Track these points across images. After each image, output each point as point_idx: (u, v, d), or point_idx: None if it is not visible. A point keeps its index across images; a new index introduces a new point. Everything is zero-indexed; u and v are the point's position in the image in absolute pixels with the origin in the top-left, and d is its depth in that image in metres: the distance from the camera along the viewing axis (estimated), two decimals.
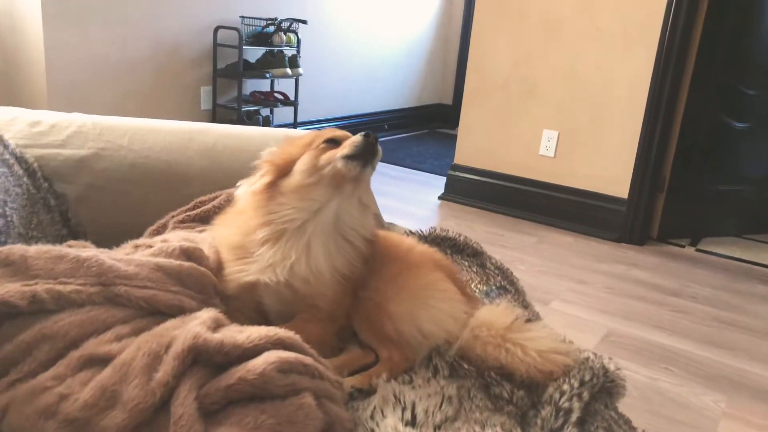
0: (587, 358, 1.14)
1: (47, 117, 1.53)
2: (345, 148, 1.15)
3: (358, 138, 1.16)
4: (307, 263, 1.13)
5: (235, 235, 1.18)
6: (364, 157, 1.14)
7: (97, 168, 1.48)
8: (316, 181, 1.15)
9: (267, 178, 1.18)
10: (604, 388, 1.11)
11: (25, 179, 1.33)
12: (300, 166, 1.17)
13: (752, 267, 3.39)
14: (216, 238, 1.24)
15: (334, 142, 1.18)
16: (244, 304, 1.16)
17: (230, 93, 4.56)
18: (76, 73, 3.63)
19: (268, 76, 4.50)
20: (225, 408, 0.83)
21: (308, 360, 0.93)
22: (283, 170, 1.18)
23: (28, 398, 0.79)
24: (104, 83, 3.79)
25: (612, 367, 1.15)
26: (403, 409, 1.00)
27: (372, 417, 0.98)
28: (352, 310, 1.19)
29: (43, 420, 0.77)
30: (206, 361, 0.87)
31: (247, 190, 1.20)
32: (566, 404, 1.00)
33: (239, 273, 1.14)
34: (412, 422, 0.98)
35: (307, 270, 1.13)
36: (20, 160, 1.36)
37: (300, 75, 4.72)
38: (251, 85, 4.70)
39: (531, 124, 3.84)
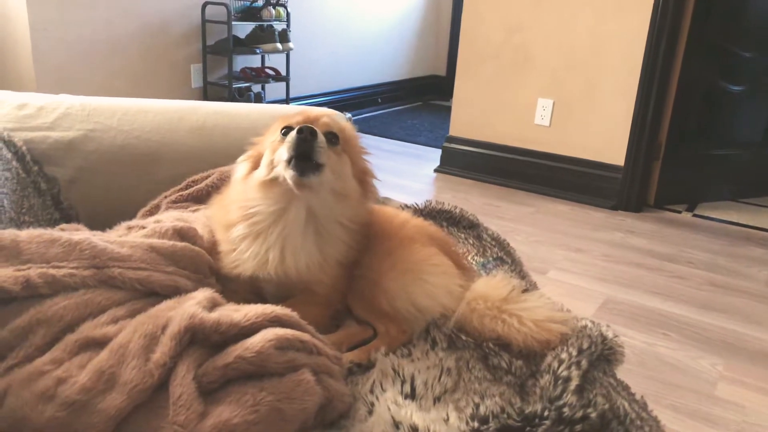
0: (585, 326, 1.14)
1: (34, 99, 1.50)
2: (283, 149, 1.04)
3: (291, 135, 1.03)
4: (292, 260, 1.10)
5: (225, 222, 1.15)
6: (300, 165, 1.02)
7: (86, 150, 1.46)
8: (275, 179, 1.07)
9: (245, 168, 1.14)
10: (602, 356, 1.11)
11: (14, 163, 1.31)
12: (263, 159, 1.10)
13: (749, 231, 3.40)
14: (212, 220, 1.23)
15: (290, 131, 1.07)
16: (241, 287, 1.15)
17: (221, 70, 4.50)
18: (63, 54, 3.57)
19: (258, 51, 4.44)
20: (224, 386, 0.83)
21: (306, 336, 0.92)
22: (257, 162, 1.13)
23: (25, 383, 0.79)
24: (92, 64, 3.74)
25: (610, 334, 1.15)
26: (403, 382, 1.00)
27: (371, 391, 0.98)
28: (347, 288, 1.18)
29: (42, 404, 0.76)
30: (203, 340, 0.87)
31: (236, 175, 1.17)
32: (565, 373, 1.00)
33: (235, 268, 1.12)
34: (412, 395, 0.98)
35: (293, 265, 1.10)
36: (8, 143, 1.34)
37: (291, 50, 4.66)
38: (242, 62, 4.64)
39: (525, 94, 3.81)
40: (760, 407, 1.91)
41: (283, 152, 1.05)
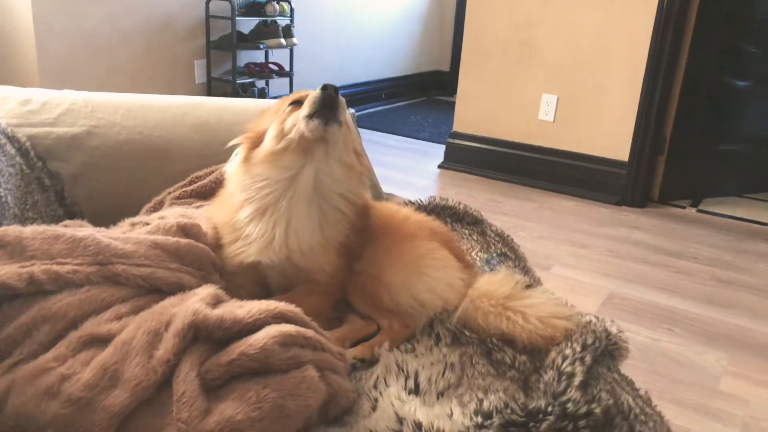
0: (589, 322, 1.14)
1: (38, 95, 1.50)
2: (305, 108, 1.10)
3: (315, 93, 1.10)
4: (295, 238, 1.11)
5: (227, 215, 1.17)
6: (325, 114, 1.08)
7: (90, 146, 1.46)
8: (285, 147, 1.11)
9: (242, 154, 1.16)
10: (606, 351, 1.11)
11: (18, 159, 1.31)
12: (268, 134, 1.14)
13: (753, 226, 3.38)
14: (212, 218, 1.23)
15: (299, 104, 1.13)
16: (246, 280, 1.15)
17: (224, 65, 4.50)
18: (67, 50, 3.58)
19: (262, 47, 4.44)
20: (227, 383, 0.83)
21: (310, 333, 0.92)
22: (257, 142, 1.15)
23: (29, 379, 0.79)
24: (96, 59, 3.74)
25: (614, 329, 1.15)
26: (406, 378, 1.00)
27: (375, 386, 0.98)
28: (349, 283, 1.19)
29: (46, 401, 0.77)
30: (207, 337, 0.87)
31: (229, 169, 1.19)
32: (569, 368, 1.00)
33: (240, 255, 1.13)
34: (416, 390, 0.98)
35: (296, 245, 1.11)
36: (12, 139, 1.34)
37: (294, 45, 4.65)
38: (245, 57, 4.64)
39: (530, 89, 3.80)
40: (764, 401, 1.90)
41: (305, 110, 1.09)
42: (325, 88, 1.09)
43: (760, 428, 1.79)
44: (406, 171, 4.04)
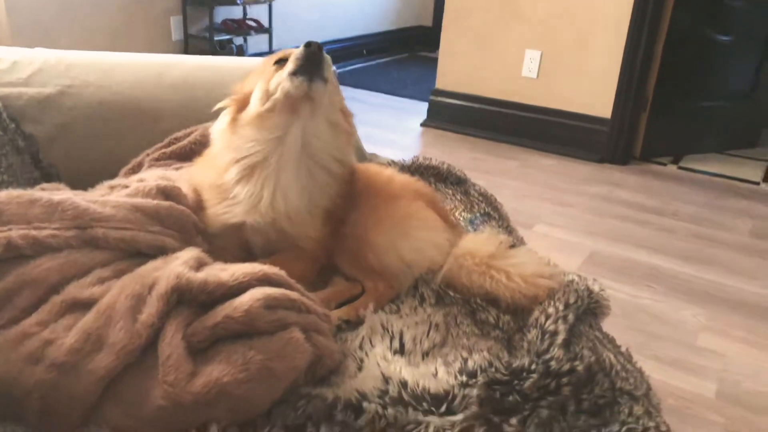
0: (572, 281, 1.15)
1: (7, 54, 1.45)
2: (288, 65, 1.08)
3: (299, 50, 1.08)
4: (282, 200, 1.10)
5: (212, 176, 1.15)
6: (309, 70, 1.06)
7: (65, 106, 1.42)
8: (271, 108, 1.09)
9: (229, 115, 1.15)
10: (588, 310, 1.13)
11: None
12: (254, 95, 1.12)
13: (733, 183, 3.42)
14: (195, 179, 1.21)
15: (284, 62, 1.11)
16: (229, 242, 1.14)
17: (201, 22, 4.38)
18: (38, 7, 3.45)
19: (239, 2, 4.33)
20: (213, 346, 0.83)
21: (294, 295, 0.92)
22: (243, 104, 1.14)
23: (12, 345, 0.78)
24: (68, 17, 3.62)
25: (596, 288, 1.17)
26: (391, 338, 1.01)
27: (361, 347, 0.99)
28: (334, 246, 1.18)
29: (30, 366, 0.76)
30: (191, 300, 0.86)
31: (216, 129, 1.17)
32: (552, 327, 1.02)
33: (224, 215, 1.12)
34: (401, 350, 0.99)
35: (283, 207, 1.11)
36: None
37: (273, 0, 4.54)
38: (223, 13, 4.52)
39: (513, 45, 3.76)
40: (739, 356, 1.96)
41: (288, 67, 1.08)
42: (308, 45, 1.07)
43: (735, 381, 1.84)
44: (389, 129, 4.01)
